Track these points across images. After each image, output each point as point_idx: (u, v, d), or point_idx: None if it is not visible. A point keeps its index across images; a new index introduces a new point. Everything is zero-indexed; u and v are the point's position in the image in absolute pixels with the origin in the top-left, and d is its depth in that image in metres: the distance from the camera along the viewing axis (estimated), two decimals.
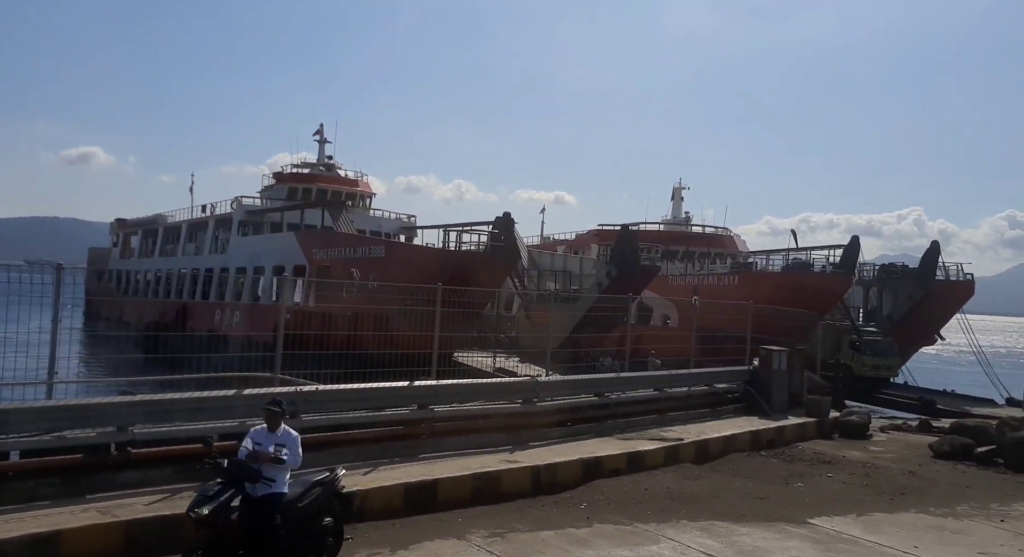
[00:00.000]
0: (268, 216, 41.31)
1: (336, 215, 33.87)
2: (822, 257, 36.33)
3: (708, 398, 13.57)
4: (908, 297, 36.10)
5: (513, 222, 28.99)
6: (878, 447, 13.16)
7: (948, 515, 8.88)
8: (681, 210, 50.53)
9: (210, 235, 43.09)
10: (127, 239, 56.04)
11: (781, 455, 11.70)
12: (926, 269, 35.63)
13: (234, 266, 39.71)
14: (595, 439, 10.12)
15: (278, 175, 44.69)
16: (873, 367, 31.44)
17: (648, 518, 7.78)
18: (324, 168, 45.73)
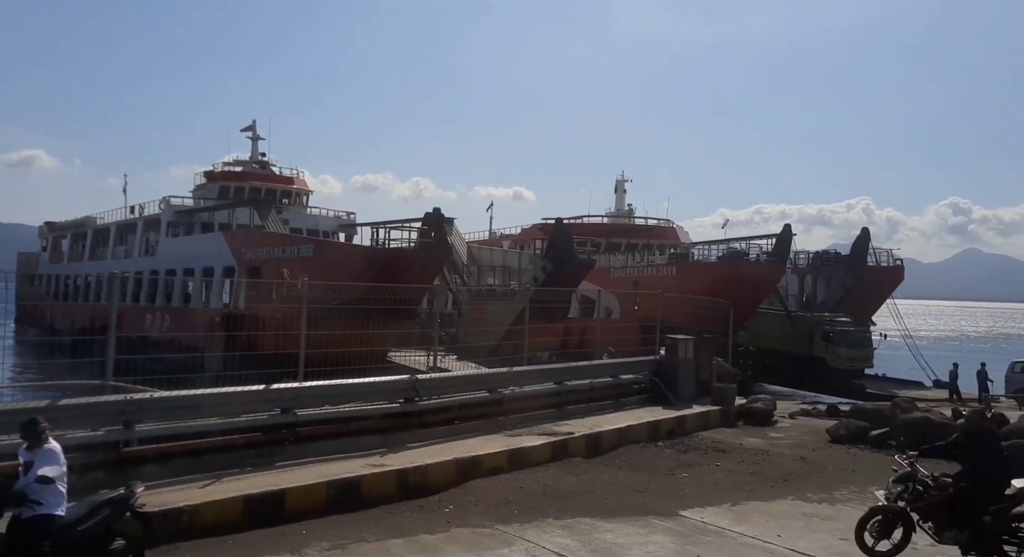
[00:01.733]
0: (199, 216, 40.09)
1: (264, 213, 32.98)
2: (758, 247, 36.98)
3: (613, 390, 13.47)
4: (841, 284, 36.96)
5: (444, 218, 28.62)
6: (779, 433, 13.26)
7: (824, 501, 8.91)
8: (624, 203, 50.79)
9: (139, 237, 41.61)
10: (57, 242, 53.82)
11: (677, 445, 11.65)
12: (857, 256, 36.53)
13: (163, 268, 38.41)
14: (480, 437, 9.86)
15: (209, 174, 43.33)
16: (848, 359, 31.62)
17: (513, 518, 7.56)
18: (258, 165, 44.52)
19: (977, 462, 6.45)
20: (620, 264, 42.26)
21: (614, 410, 12.90)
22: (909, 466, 6.77)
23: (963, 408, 12.66)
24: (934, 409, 12.85)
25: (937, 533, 6.43)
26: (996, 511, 6.23)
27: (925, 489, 6.51)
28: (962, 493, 6.34)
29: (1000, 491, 6.32)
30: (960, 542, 6.32)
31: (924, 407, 13.31)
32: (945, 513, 6.37)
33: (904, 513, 6.54)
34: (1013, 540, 6.30)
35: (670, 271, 37.85)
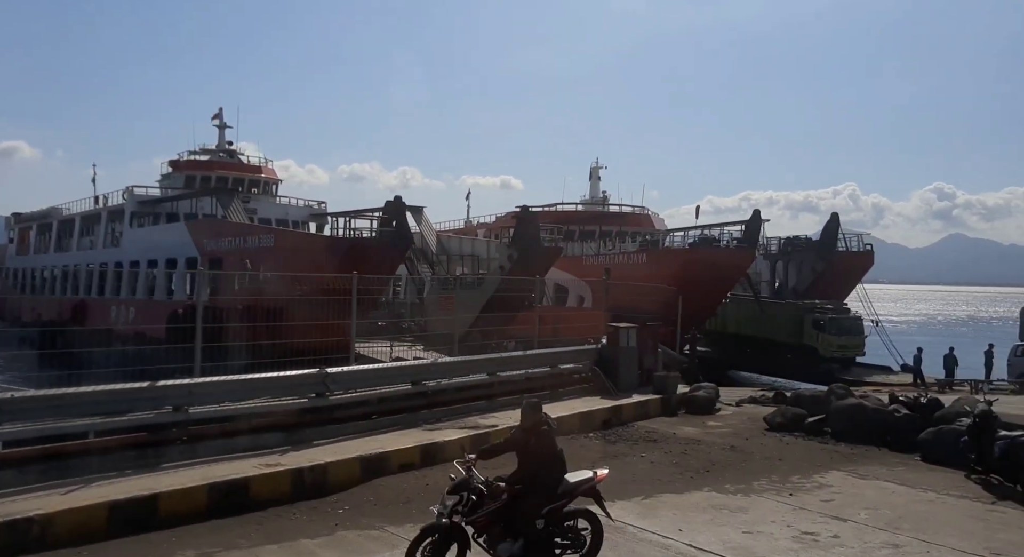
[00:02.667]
0: (164, 206, 39.41)
1: (226, 202, 32.39)
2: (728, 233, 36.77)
3: (551, 380, 13.19)
4: (811, 269, 36.93)
5: (406, 206, 28.19)
6: (718, 422, 13.04)
7: (741, 492, 8.68)
8: (599, 190, 50.49)
9: (103, 228, 40.87)
10: (24, 234, 52.86)
11: (609, 436, 11.40)
12: (826, 241, 36.49)
13: (127, 260, 37.79)
14: (397, 432, 9.54)
15: (175, 163, 42.54)
16: (840, 347, 30.68)
17: (408, 519, 7.25)
18: (225, 154, 43.79)
19: (528, 459, 5.82)
20: (593, 252, 42.05)
21: (550, 401, 12.56)
22: (466, 471, 5.76)
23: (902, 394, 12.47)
24: (872, 395, 12.63)
25: (491, 547, 5.63)
26: (549, 512, 5.69)
27: (479, 498, 5.62)
28: (516, 496, 5.65)
29: (554, 490, 5.79)
30: (514, 553, 5.58)
31: (862, 393, 13.09)
32: (499, 522, 5.62)
33: (457, 529, 5.61)
34: (565, 540, 5.88)
35: (640, 258, 37.68)
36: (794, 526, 7.50)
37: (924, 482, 9.24)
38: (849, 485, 9.13)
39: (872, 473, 9.65)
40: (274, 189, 44.53)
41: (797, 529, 7.42)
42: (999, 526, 7.63)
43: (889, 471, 9.80)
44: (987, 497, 8.63)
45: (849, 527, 7.52)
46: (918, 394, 11.88)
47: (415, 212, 38.69)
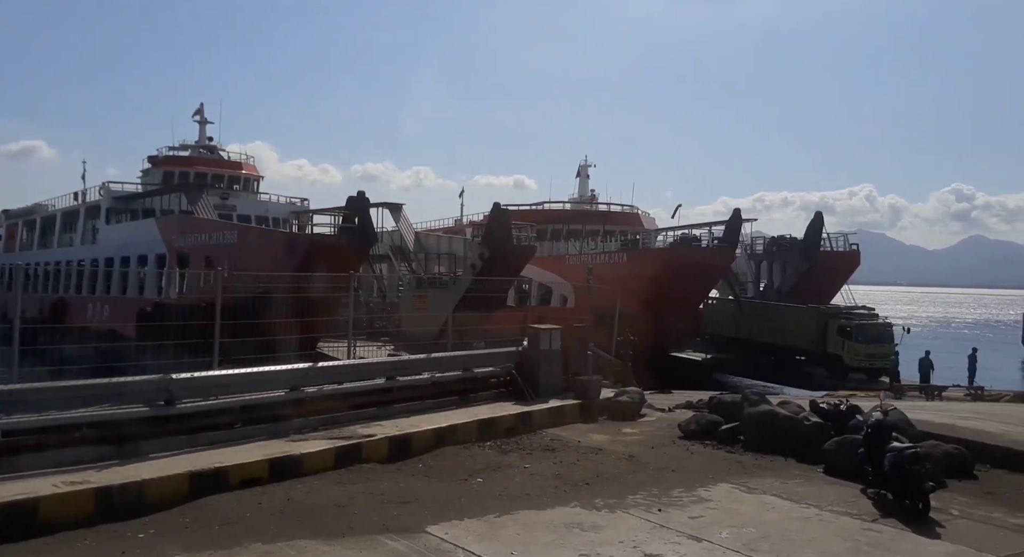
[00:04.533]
0: (140, 202, 39.36)
1: (194, 199, 32.21)
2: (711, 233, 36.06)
3: (463, 385, 12.64)
4: (795, 269, 36.11)
5: (368, 202, 27.78)
6: (635, 429, 12.44)
7: (608, 507, 8.09)
8: (587, 188, 49.91)
9: (81, 225, 40.91)
10: (11, 230, 53.15)
11: (507, 444, 10.83)
12: (810, 241, 35.64)
13: (103, 257, 37.77)
14: (255, 443, 9.03)
15: (153, 159, 42.52)
16: (868, 355, 27.70)
17: (216, 545, 6.65)
18: (206, 150, 43.66)
19: None
20: (576, 251, 41.49)
21: (458, 407, 12.09)
22: None
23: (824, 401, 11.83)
24: (792, 402, 12.00)
25: None
26: None
27: None
28: None
29: None
30: None
31: (783, 399, 12.45)
32: None
33: None
34: None
35: (621, 258, 37.10)
36: (640, 547, 6.93)
37: (813, 497, 8.62)
38: (730, 500, 8.52)
39: (763, 486, 9.03)
40: (255, 186, 44.40)
41: (642, 551, 6.85)
42: (867, 548, 7.00)
43: (782, 484, 9.17)
44: (872, 514, 8.00)
45: (701, 548, 6.94)
46: (838, 401, 11.21)
47: (393, 209, 38.35)
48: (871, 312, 31.01)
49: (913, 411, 12.32)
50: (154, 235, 33.55)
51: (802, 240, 35.82)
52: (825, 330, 29.47)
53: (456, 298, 29.95)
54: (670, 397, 16.49)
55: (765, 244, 38.04)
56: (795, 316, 31.97)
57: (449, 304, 29.79)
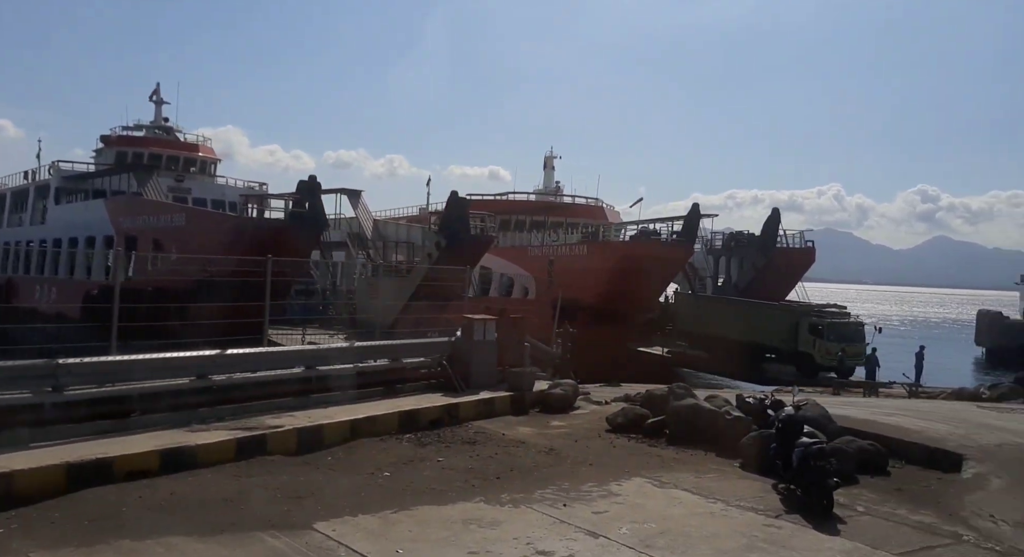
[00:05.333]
0: (91, 182, 38.22)
1: (143, 180, 31.29)
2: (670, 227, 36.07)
3: (390, 375, 12.35)
4: (752, 265, 36.39)
5: (319, 187, 27.20)
6: (564, 422, 12.26)
7: (512, 503, 7.87)
8: (552, 180, 49.67)
9: (31, 204, 39.60)
10: None
11: (427, 437, 10.57)
12: (767, 237, 35.93)
13: (51, 237, 36.62)
14: (152, 433, 8.64)
15: (106, 138, 41.24)
16: (838, 354, 27.91)
17: (79, 542, 6.26)
18: (161, 131, 42.48)
19: None
20: (538, 242, 41.30)
21: (383, 398, 11.78)
22: None
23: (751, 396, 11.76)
24: (718, 396, 11.93)
25: None
26: None
27: None
28: None
29: None
30: None
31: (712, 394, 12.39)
32: None
33: None
34: None
35: (582, 250, 37.00)
36: (535, 544, 6.72)
37: (723, 492, 8.51)
38: (640, 494, 8.37)
39: (676, 481, 8.90)
40: (212, 168, 43.39)
41: (535, 548, 6.64)
42: (762, 544, 6.89)
43: (696, 478, 9.06)
44: (778, 510, 7.90)
45: (596, 544, 6.76)
46: (763, 396, 11.16)
47: (352, 196, 37.73)
48: (843, 310, 30.99)
49: (844, 407, 12.38)
50: (102, 216, 32.58)
51: (759, 236, 36.08)
52: (797, 328, 29.45)
53: (412, 287, 29.60)
54: (617, 390, 16.38)
55: (724, 240, 38.26)
56: (767, 313, 31.93)
57: (405, 293, 29.45)
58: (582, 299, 35.43)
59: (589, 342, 29.65)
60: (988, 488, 8.27)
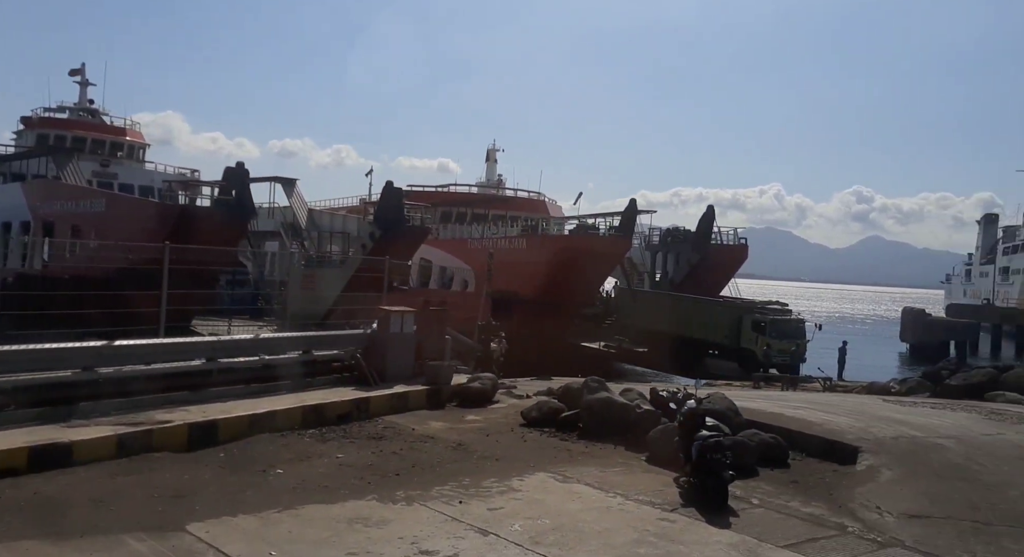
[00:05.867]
0: (12, 165, 36.13)
1: (62, 163, 29.71)
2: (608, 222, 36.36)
3: (301, 368, 11.94)
4: (687, 261, 37.03)
5: (247, 174, 26.32)
6: (480, 416, 12.09)
7: (406, 501, 7.61)
8: (495, 173, 49.49)
9: None
10: None
11: (332, 432, 10.23)
12: (702, 234, 36.63)
13: None
14: (19, 429, 8.04)
15: (27, 120, 39.02)
16: (780, 351, 28.04)
17: None
18: (86, 113, 40.45)
19: None
20: (479, 235, 41.09)
21: (290, 392, 11.36)
22: None
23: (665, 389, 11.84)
24: (633, 390, 11.96)
25: None
26: None
27: None
28: None
29: None
30: None
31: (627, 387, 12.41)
32: None
33: None
34: None
35: (521, 243, 36.98)
36: (419, 544, 6.49)
37: (625, 486, 8.47)
38: (540, 490, 8.26)
39: (579, 475, 8.83)
40: (141, 153, 41.58)
41: (419, 548, 6.41)
42: (652, 538, 6.84)
43: (600, 472, 9.01)
44: (675, 503, 7.90)
45: (484, 542, 6.59)
46: (678, 389, 11.21)
47: (286, 184, 36.73)
48: (785, 308, 31.33)
49: (755, 401, 12.57)
50: (19, 201, 30.81)
51: (694, 233, 36.72)
52: (740, 325, 29.57)
53: (346, 278, 28.99)
54: (545, 384, 16.29)
55: (660, 236, 38.79)
56: (710, 310, 32.03)
57: (338, 284, 28.81)
58: (521, 292, 35.48)
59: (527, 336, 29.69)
60: (878, 480, 8.45)
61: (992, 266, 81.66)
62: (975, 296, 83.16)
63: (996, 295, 76.20)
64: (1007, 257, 77.55)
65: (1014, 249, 75.76)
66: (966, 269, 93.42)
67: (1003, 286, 76.30)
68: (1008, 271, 76.16)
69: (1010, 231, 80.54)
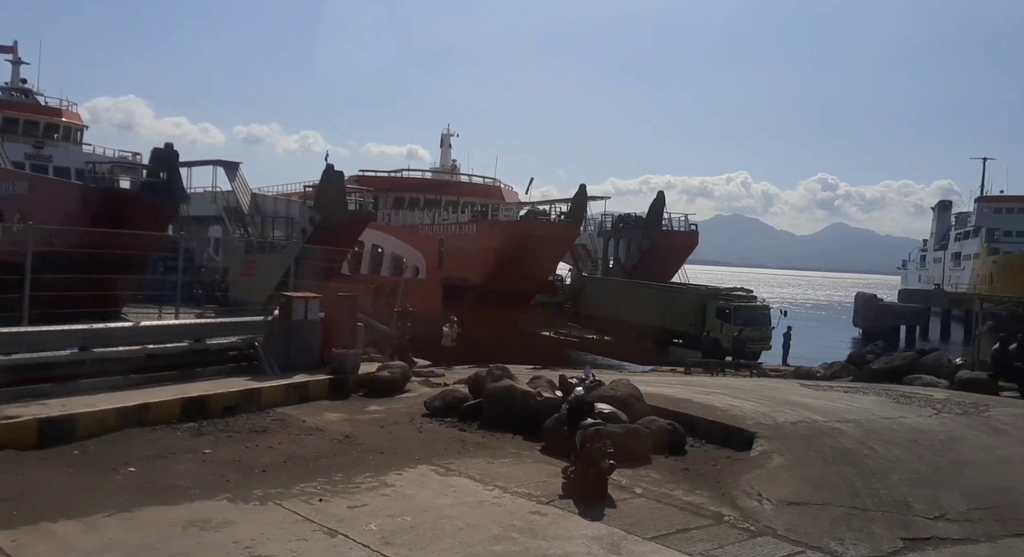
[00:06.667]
0: None
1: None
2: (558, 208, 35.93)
3: (190, 357, 11.27)
4: (638, 247, 36.86)
5: (176, 156, 25.24)
6: (384, 406, 11.54)
7: (261, 499, 7.01)
8: (449, 158, 48.67)
9: None
10: None
11: (209, 426, 9.57)
12: (652, 220, 36.46)
13: None
14: None
15: None
16: (745, 339, 26.93)
17: None
18: (19, 93, 38.66)
19: None
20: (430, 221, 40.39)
21: (177, 383, 10.71)
22: None
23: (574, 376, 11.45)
24: (542, 377, 11.56)
25: None
26: None
27: None
28: None
29: None
30: None
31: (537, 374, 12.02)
32: None
33: None
34: None
35: (471, 230, 36.40)
36: (254, 548, 5.91)
37: (510, 477, 8.02)
38: (416, 484, 7.77)
39: (464, 467, 8.36)
40: (78, 136, 39.94)
41: (251, 553, 5.83)
42: (515, 535, 6.37)
43: (487, 464, 8.55)
44: (553, 495, 7.51)
45: (327, 545, 6.04)
46: (585, 376, 10.82)
47: (229, 168, 35.61)
48: (749, 294, 30.76)
49: (666, 387, 12.26)
50: None
51: (645, 219, 36.51)
52: (704, 312, 28.95)
53: (286, 264, 28.16)
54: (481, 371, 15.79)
55: (612, 221, 38.55)
56: (673, 297, 31.32)
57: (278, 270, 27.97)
58: (471, 278, 34.93)
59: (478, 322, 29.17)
60: (768, 466, 8.15)
61: (944, 252, 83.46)
62: (928, 281, 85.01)
63: (948, 280, 77.92)
64: (959, 243, 79.29)
65: (965, 235, 77.43)
66: (921, 255, 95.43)
67: (955, 271, 78.04)
68: (960, 257, 77.90)
69: (962, 218, 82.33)
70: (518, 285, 34.55)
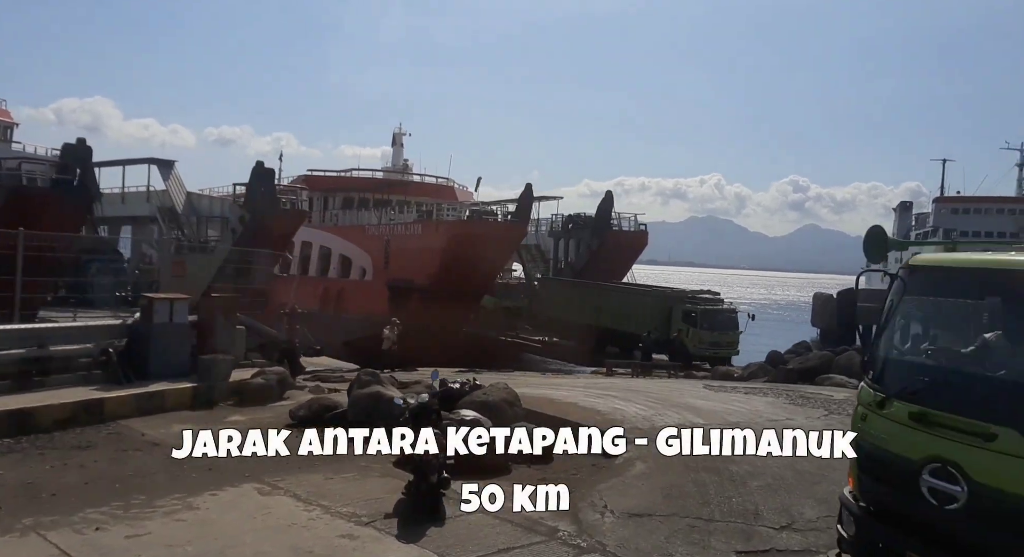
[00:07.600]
0: None
1: None
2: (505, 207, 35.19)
3: (29, 365, 10.18)
4: (588, 247, 36.22)
5: (90, 152, 23.94)
6: (249, 416, 10.45)
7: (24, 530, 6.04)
8: (400, 157, 47.66)
9: None
10: None
11: (23, 443, 8.46)
12: (601, 219, 35.86)
13: None
14: None
15: None
16: (712, 344, 26.52)
17: None
18: None
19: None
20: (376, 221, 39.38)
21: (9, 394, 9.66)
22: None
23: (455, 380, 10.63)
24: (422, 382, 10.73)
25: None
26: None
27: None
28: None
29: None
30: None
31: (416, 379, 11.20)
32: None
33: None
34: None
35: (416, 229, 35.50)
36: None
37: (342, 496, 7.10)
38: (228, 506, 6.83)
39: (295, 484, 7.44)
40: (8, 133, 38.25)
41: None
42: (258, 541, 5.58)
43: (325, 480, 7.63)
44: (380, 514, 6.62)
45: None
46: (466, 380, 10.01)
47: (163, 166, 34.31)
48: (716, 297, 29.66)
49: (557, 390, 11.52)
50: None
51: (594, 219, 35.91)
52: (670, 315, 27.78)
53: (216, 265, 27.02)
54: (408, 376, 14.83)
55: (562, 222, 37.90)
56: (638, 300, 30.11)
57: (209, 270, 26.81)
58: (416, 279, 33.98)
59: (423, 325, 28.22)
60: (627, 474, 7.42)
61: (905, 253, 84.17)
62: None
63: None
64: None
65: (924, 235, 78.20)
66: None
67: None
68: None
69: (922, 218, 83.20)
70: (464, 285, 33.66)
